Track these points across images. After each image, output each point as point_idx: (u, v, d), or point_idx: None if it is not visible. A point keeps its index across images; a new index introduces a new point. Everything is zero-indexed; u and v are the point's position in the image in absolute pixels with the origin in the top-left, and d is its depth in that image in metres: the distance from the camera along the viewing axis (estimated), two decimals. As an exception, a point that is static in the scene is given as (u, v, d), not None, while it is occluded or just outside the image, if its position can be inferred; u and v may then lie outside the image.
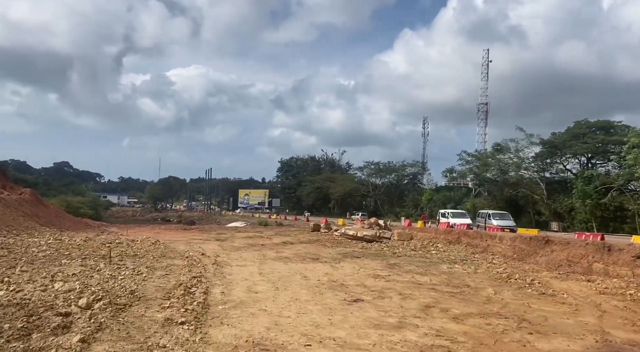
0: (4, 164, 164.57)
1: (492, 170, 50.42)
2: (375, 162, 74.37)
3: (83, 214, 72.97)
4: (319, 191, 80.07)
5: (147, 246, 18.58)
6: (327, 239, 25.37)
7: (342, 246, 22.20)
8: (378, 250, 20.99)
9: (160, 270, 12.27)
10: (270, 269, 13.84)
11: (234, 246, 21.30)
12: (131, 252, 15.91)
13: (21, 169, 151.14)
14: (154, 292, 9.63)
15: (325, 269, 14.72)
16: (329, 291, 11.10)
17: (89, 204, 79.09)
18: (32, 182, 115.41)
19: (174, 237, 26.63)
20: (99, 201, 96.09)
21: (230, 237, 26.25)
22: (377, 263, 16.65)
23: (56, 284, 9.44)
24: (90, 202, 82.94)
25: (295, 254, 18.40)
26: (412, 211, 71.13)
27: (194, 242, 22.17)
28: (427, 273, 14.88)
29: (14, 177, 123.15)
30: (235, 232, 31.67)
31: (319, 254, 18.84)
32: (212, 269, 13.02)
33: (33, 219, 29.75)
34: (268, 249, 20.53)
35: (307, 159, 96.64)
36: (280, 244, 23.03)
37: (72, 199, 78.75)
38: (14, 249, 14.59)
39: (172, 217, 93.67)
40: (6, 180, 34.51)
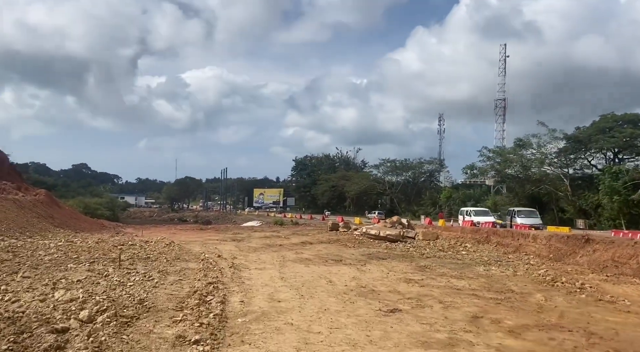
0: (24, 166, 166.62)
1: (514, 167, 48.60)
2: (391, 160, 72.78)
3: (100, 215, 72.76)
4: (334, 189, 78.77)
5: (161, 247, 17.52)
6: (347, 238, 24.10)
7: (364, 246, 20.92)
8: (404, 251, 19.65)
9: (173, 275, 11.14)
10: (292, 273, 12.63)
11: (251, 246, 20.16)
12: (144, 254, 14.84)
13: (41, 172, 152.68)
14: (165, 301, 8.48)
15: (351, 272, 13.47)
16: (360, 298, 9.84)
17: (106, 205, 78.91)
18: (51, 184, 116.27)
19: (190, 237, 25.63)
20: (117, 202, 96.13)
21: (246, 238, 25.14)
22: (406, 265, 15.34)
23: (57, 293, 8.33)
24: (108, 203, 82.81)
25: (316, 256, 17.18)
26: (430, 209, 69.47)
27: (210, 243, 21.10)
28: (463, 276, 13.53)
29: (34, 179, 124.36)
30: (251, 231, 30.58)
31: (341, 255, 17.59)
32: (230, 273, 11.85)
33: (48, 220, 29.01)
34: (287, 249, 19.36)
35: (322, 157, 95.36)
36: (299, 244, 21.84)
37: (89, 200, 78.69)
38: (19, 253, 13.61)
39: (189, 217, 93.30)
40: (22, 181, 33.99)
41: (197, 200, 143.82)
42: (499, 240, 22.50)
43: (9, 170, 33.25)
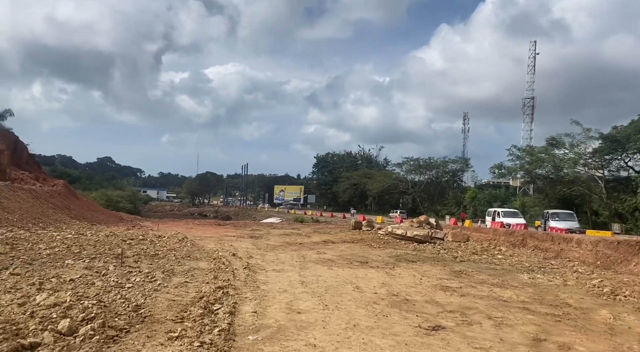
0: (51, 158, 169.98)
1: (546, 167, 46.16)
2: (414, 158, 70.75)
3: (122, 208, 72.82)
4: (356, 187, 77.11)
5: (173, 243, 16.29)
6: (372, 238, 22.54)
7: (390, 247, 19.34)
8: (434, 253, 18.00)
9: (179, 276, 9.81)
10: (314, 276, 11.16)
11: (269, 244, 18.80)
12: (152, 251, 13.59)
13: (67, 164, 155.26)
14: (165, 309, 7.13)
15: (379, 276, 11.94)
16: (394, 310, 8.32)
17: (128, 198, 78.98)
18: (76, 176, 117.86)
19: (206, 233, 24.45)
20: (138, 196, 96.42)
21: (265, 235, 23.81)
22: (439, 270, 13.72)
23: (39, 296, 7.06)
24: (129, 196, 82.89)
25: (340, 256, 15.69)
26: (454, 209, 67.40)
27: (226, 240, 19.82)
28: (506, 285, 11.87)
29: (60, 171, 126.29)
30: (270, 228, 29.28)
31: (367, 256, 16.07)
32: (243, 275, 10.45)
33: (64, 211, 28.26)
34: (307, 248, 17.93)
35: (344, 154, 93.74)
36: (320, 243, 20.40)
37: (111, 192, 78.90)
38: (19, 246, 12.51)
39: (209, 212, 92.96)
40: (40, 171, 33.44)
41: (217, 195, 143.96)
42: (537, 244, 20.62)
43: (27, 161, 32.75)
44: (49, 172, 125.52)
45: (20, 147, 33.07)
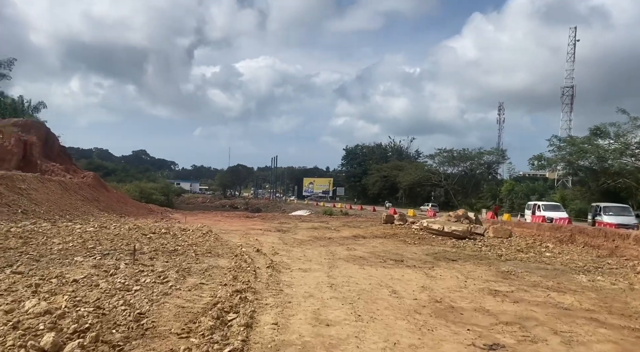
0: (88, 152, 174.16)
1: (589, 158, 43.39)
2: (448, 150, 68.40)
3: (155, 200, 73.51)
4: (386, 179, 75.35)
5: (196, 237, 15.39)
6: (405, 233, 21.15)
7: (426, 243, 17.93)
8: (475, 250, 16.49)
9: (195, 276, 8.78)
10: (344, 277, 9.96)
11: (296, 238, 17.71)
12: (172, 245, 12.69)
13: (104, 157, 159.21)
14: (171, 319, 6.07)
15: (417, 278, 10.64)
16: (439, 321, 7.04)
17: (161, 191, 79.78)
18: (112, 169, 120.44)
19: (233, 226, 23.61)
20: (171, 188, 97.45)
21: (292, 228, 22.76)
22: (484, 270, 12.28)
23: (28, 302, 6.11)
24: (163, 188, 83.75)
25: (372, 253, 14.44)
26: (489, 202, 65.02)
27: (252, 233, 18.86)
28: (563, 288, 10.36)
29: (96, 163, 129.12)
30: (298, 221, 28.24)
31: (402, 254, 14.74)
32: (266, 275, 9.34)
33: (93, 203, 28.01)
34: (337, 244, 16.75)
35: (374, 146, 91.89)
36: (350, 238, 19.18)
37: (145, 185, 79.87)
38: (32, 240, 11.81)
39: (239, 205, 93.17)
40: (71, 163, 33.47)
41: (248, 188, 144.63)
42: (587, 240, 18.78)
43: (58, 152, 32.80)
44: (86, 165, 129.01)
45: (52, 139, 33.10)
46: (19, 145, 28.15)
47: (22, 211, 19.13)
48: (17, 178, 22.15)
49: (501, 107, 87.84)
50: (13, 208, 18.90)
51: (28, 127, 30.08)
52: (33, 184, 23.25)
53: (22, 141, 28.53)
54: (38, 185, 23.86)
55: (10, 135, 27.92)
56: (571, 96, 72.17)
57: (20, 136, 28.71)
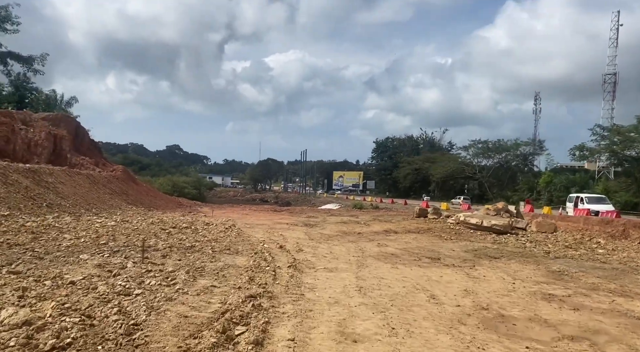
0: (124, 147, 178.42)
1: (637, 147, 40.57)
2: (483, 141, 65.81)
3: (187, 194, 74.07)
4: (418, 172, 73.36)
5: (217, 232, 14.54)
6: (440, 228, 19.76)
7: (464, 239, 16.52)
8: (518, 246, 15.00)
9: (207, 276, 7.82)
10: (374, 279, 8.80)
11: (323, 234, 16.64)
12: (191, 241, 11.84)
13: (139, 152, 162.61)
14: (169, 333, 5.09)
15: (458, 279, 9.37)
16: (489, 335, 5.82)
17: (192, 184, 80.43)
18: (146, 164, 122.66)
19: (259, 219, 22.78)
20: (203, 182, 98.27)
21: (320, 222, 21.71)
22: (533, 270, 10.88)
23: (5, 312, 5.25)
24: (194, 182, 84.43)
25: (405, 250, 13.21)
26: (526, 195, 62.34)
27: (278, 228, 17.91)
28: (629, 292, 8.89)
29: (131, 158, 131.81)
30: (327, 215, 27.18)
31: (438, 250, 13.45)
32: (286, 276, 8.28)
33: (121, 197, 27.77)
34: (366, 239, 15.59)
35: (404, 138, 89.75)
36: (381, 232, 17.98)
37: (177, 179, 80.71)
38: (43, 235, 11.15)
39: (270, 198, 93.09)
40: (100, 157, 33.50)
41: (279, 181, 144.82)
42: (644, 236, 16.98)
43: (88, 146, 32.84)
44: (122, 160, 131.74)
45: (82, 132, 33.14)
46: (50, 140, 28.17)
47: (47, 204, 18.78)
48: (44, 171, 21.93)
49: (537, 97, 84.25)
50: (38, 202, 18.56)
51: (58, 121, 30.14)
52: (60, 178, 23.03)
53: (52, 135, 28.55)
54: (66, 178, 23.64)
55: (41, 130, 27.96)
56: (613, 83, 68.25)
57: (51, 130, 28.74)
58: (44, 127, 28.59)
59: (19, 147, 26.30)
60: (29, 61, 38.70)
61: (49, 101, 40.60)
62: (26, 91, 41.11)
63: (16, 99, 40.14)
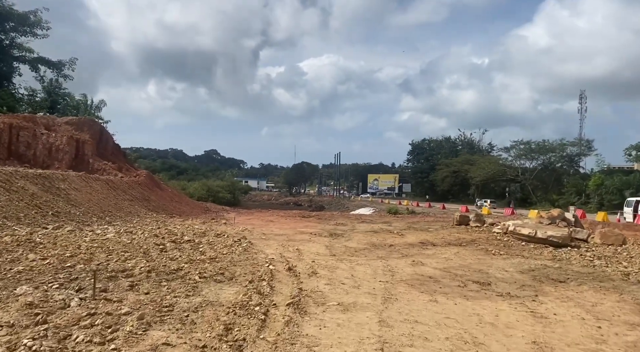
0: (164, 152, 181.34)
1: None
2: (525, 141, 61.50)
3: (221, 198, 73.30)
4: (456, 175, 69.64)
5: (223, 246, 12.40)
6: (486, 239, 16.96)
7: (515, 253, 13.70)
8: (585, 264, 12.07)
9: (168, 324, 5.56)
10: (406, 324, 6.31)
11: (348, 247, 14.23)
12: (181, 261, 9.72)
13: (178, 157, 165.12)
14: None
15: (520, 320, 6.77)
16: None
17: (227, 188, 79.70)
18: (183, 168, 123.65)
19: (282, 227, 20.63)
20: (237, 185, 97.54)
21: (348, 231, 19.31)
22: (615, 301, 8.08)
23: None
24: (228, 186, 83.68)
25: (446, 270, 10.64)
26: (573, 198, 57.71)
27: (297, 240, 15.64)
28: None
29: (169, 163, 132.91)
30: (357, 222, 24.72)
31: (486, 270, 10.80)
32: (281, 322, 5.90)
33: (142, 203, 26.32)
34: (399, 254, 13.09)
35: (442, 140, 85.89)
36: (416, 245, 15.40)
37: (212, 183, 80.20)
38: (4, 254, 9.28)
39: (303, 202, 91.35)
40: (124, 161, 32.35)
41: (313, 185, 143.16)
42: None
43: (112, 151, 31.76)
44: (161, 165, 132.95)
45: (106, 136, 32.06)
46: (71, 144, 27.10)
47: (53, 213, 17.27)
48: (56, 177, 20.58)
49: (583, 95, 78.80)
50: (43, 210, 17.07)
51: (82, 125, 29.09)
52: (75, 184, 21.67)
53: (75, 140, 27.48)
54: (81, 184, 22.28)
55: (63, 134, 26.92)
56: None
57: (73, 135, 27.71)
58: (67, 132, 27.59)
59: (40, 152, 25.32)
60: (58, 66, 38.41)
61: (78, 106, 40.08)
62: (58, 97, 40.83)
63: (48, 104, 39.90)
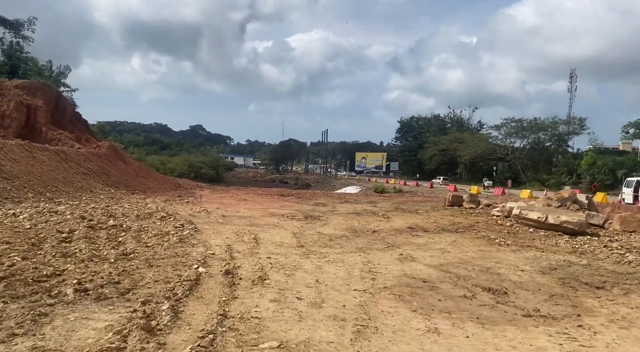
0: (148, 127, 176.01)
1: None
2: (517, 119, 59.05)
3: (204, 174, 69.94)
4: (444, 153, 67.21)
5: (152, 236, 9.55)
6: (484, 223, 14.35)
7: (524, 243, 11.07)
8: (617, 260, 9.48)
9: None
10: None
11: (322, 233, 11.50)
12: (72, 260, 6.89)
13: (163, 132, 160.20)
14: None
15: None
16: None
17: (210, 165, 76.30)
18: (167, 143, 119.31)
19: (253, 207, 17.87)
20: (221, 162, 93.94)
21: (327, 213, 16.62)
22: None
23: None
24: (212, 162, 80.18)
25: (444, 270, 7.96)
26: (564, 178, 55.83)
27: (262, 224, 12.87)
28: None
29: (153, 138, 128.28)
30: (339, 202, 22.02)
31: (496, 270, 8.14)
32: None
33: (100, 177, 23.27)
34: (382, 245, 10.41)
35: (431, 118, 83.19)
36: (404, 231, 12.73)
37: (194, 158, 76.77)
38: None
39: (289, 180, 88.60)
40: (85, 132, 29.02)
41: (301, 162, 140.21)
42: None
43: (71, 119, 28.35)
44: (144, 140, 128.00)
45: (63, 103, 28.52)
46: (21, 110, 23.76)
47: (-29, 187, 14.22)
48: (-13, 146, 17.45)
49: (573, 74, 76.16)
50: (-40, 184, 14.02)
51: (34, 90, 25.56)
52: (13, 154, 18.54)
53: (25, 105, 24.13)
54: (22, 155, 19.16)
55: (11, 99, 23.54)
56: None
57: (24, 100, 24.32)
58: (16, 96, 24.20)
59: (-20, 119, 22.04)
60: (15, 26, 34.40)
61: (41, 71, 36.29)
62: (19, 61, 36.96)
63: (8, 69, 36.05)
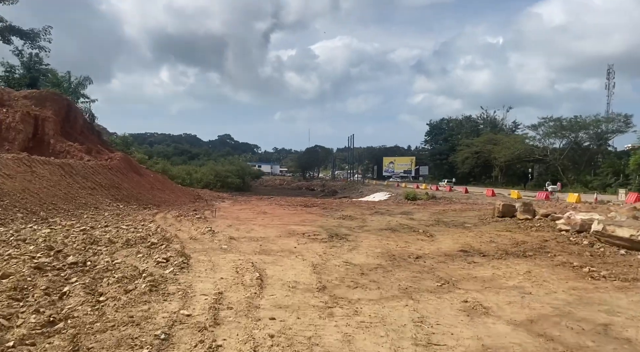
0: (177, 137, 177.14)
1: None
2: (555, 118, 54.68)
3: (230, 183, 68.43)
4: (478, 156, 63.15)
5: (117, 280, 7.01)
6: (553, 240, 11.25)
7: (627, 274, 8.00)
8: None
9: None
10: None
11: (351, 264, 8.73)
12: None
13: (192, 142, 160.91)
14: None
15: None
16: None
17: (236, 173, 74.81)
18: (195, 153, 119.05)
19: (268, 225, 15.25)
20: (248, 170, 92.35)
21: (356, 229, 13.82)
22: None
23: None
24: (238, 171, 78.63)
25: (535, 328, 5.07)
26: (610, 179, 51.13)
27: (275, 250, 10.20)
28: None
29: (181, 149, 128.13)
30: (370, 213, 19.17)
31: (619, 331, 5.18)
32: None
33: (109, 191, 21.22)
34: (433, 281, 7.57)
35: (462, 119, 78.94)
36: (457, 256, 9.81)
37: (220, 168, 75.45)
38: None
39: (316, 187, 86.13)
40: (97, 143, 27.23)
41: (327, 168, 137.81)
42: None
43: (82, 130, 26.63)
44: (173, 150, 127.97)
45: (74, 114, 26.82)
46: (28, 122, 22.06)
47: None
48: (-24, 161, 15.50)
49: (610, 70, 71.06)
50: None
51: (42, 100, 23.90)
52: (6, 169, 16.58)
53: (33, 117, 22.43)
54: (18, 170, 17.20)
55: (17, 110, 21.87)
56: None
57: (31, 111, 22.66)
58: (23, 107, 22.57)
59: (-17, 131, 20.40)
60: (31, 37, 33.26)
61: (60, 83, 35.04)
62: (39, 73, 35.88)
63: (27, 82, 34.98)
